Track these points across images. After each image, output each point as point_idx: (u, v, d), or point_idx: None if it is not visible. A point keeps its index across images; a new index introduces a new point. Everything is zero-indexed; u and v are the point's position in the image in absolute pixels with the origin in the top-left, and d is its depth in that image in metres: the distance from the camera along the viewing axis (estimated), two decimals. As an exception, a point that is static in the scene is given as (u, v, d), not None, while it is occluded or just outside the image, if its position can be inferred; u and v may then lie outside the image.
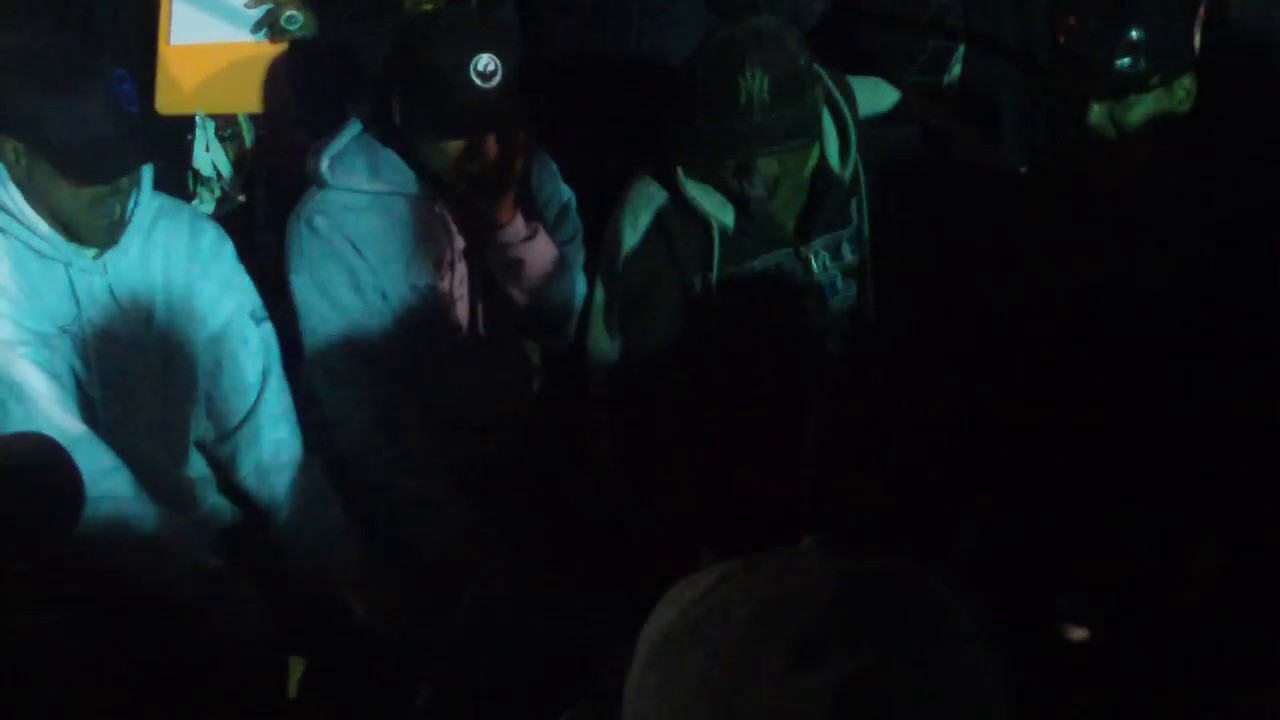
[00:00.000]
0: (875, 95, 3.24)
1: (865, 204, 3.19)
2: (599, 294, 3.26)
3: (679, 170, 3.15)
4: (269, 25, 3.56)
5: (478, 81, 3.09)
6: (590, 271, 3.34)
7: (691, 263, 3.21)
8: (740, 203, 3.12)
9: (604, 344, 3.27)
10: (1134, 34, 2.90)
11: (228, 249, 3.26)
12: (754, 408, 3.22)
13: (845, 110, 3.16)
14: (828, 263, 3.21)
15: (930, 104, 3.39)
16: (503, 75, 3.11)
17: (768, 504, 3.12)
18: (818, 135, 3.10)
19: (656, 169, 3.20)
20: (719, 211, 3.15)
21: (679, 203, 3.17)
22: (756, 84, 2.96)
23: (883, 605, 1.18)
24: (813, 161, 3.13)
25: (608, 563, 3.10)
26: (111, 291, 3.08)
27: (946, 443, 3.08)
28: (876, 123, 3.21)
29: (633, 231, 3.21)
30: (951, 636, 1.19)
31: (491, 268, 3.27)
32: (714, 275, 3.19)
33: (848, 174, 3.17)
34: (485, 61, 3.09)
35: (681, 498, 3.18)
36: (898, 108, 3.25)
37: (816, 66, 3.13)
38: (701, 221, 3.17)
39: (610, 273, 3.25)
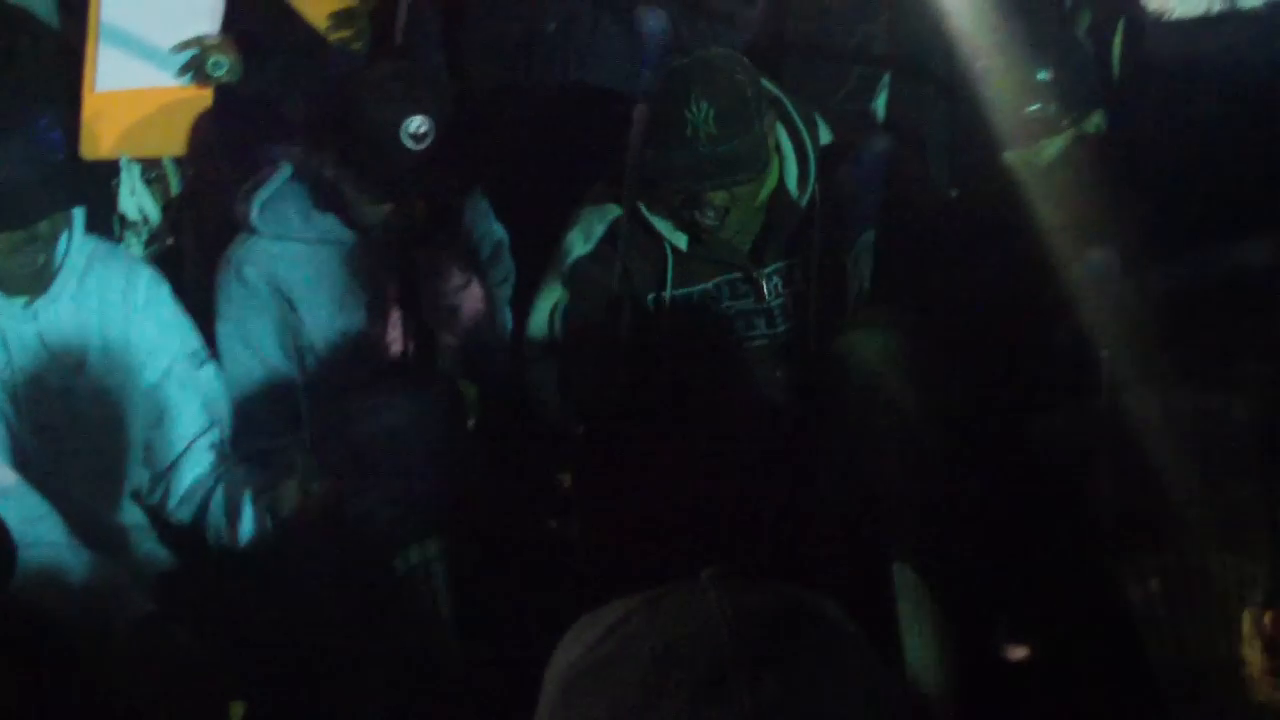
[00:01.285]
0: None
1: (818, 231, 3.20)
2: (545, 297, 3.27)
3: (635, 195, 3.17)
4: (194, 70, 3.55)
5: (409, 144, 3.10)
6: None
7: (644, 279, 3.22)
8: (691, 231, 3.13)
9: (543, 345, 3.28)
10: (1042, 74, 2.94)
11: (164, 292, 3.26)
12: (697, 427, 3.22)
13: (806, 137, 3.17)
14: (780, 288, 3.22)
15: (859, 136, 3.40)
16: (434, 136, 3.11)
17: (699, 523, 3.12)
18: (765, 166, 3.10)
19: (612, 189, 3.22)
20: (671, 233, 3.17)
21: (635, 220, 3.19)
22: (702, 116, 2.97)
23: (780, 637, 1.19)
24: (770, 187, 3.14)
25: (545, 591, 3.11)
26: (41, 339, 3.07)
27: (887, 468, 3.10)
28: (831, 149, 3.23)
29: (585, 242, 3.22)
30: (850, 660, 1.20)
31: (424, 313, 3.28)
32: (666, 294, 3.21)
33: (805, 200, 3.17)
34: (417, 124, 3.09)
35: (614, 511, 3.19)
36: (836, 143, 3.26)
37: (779, 92, 3.15)
38: (656, 241, 3.18)
39: (558, 276, 3.25)
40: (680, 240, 3.17)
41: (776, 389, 3.29)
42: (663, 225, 3.17)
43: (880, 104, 3.68)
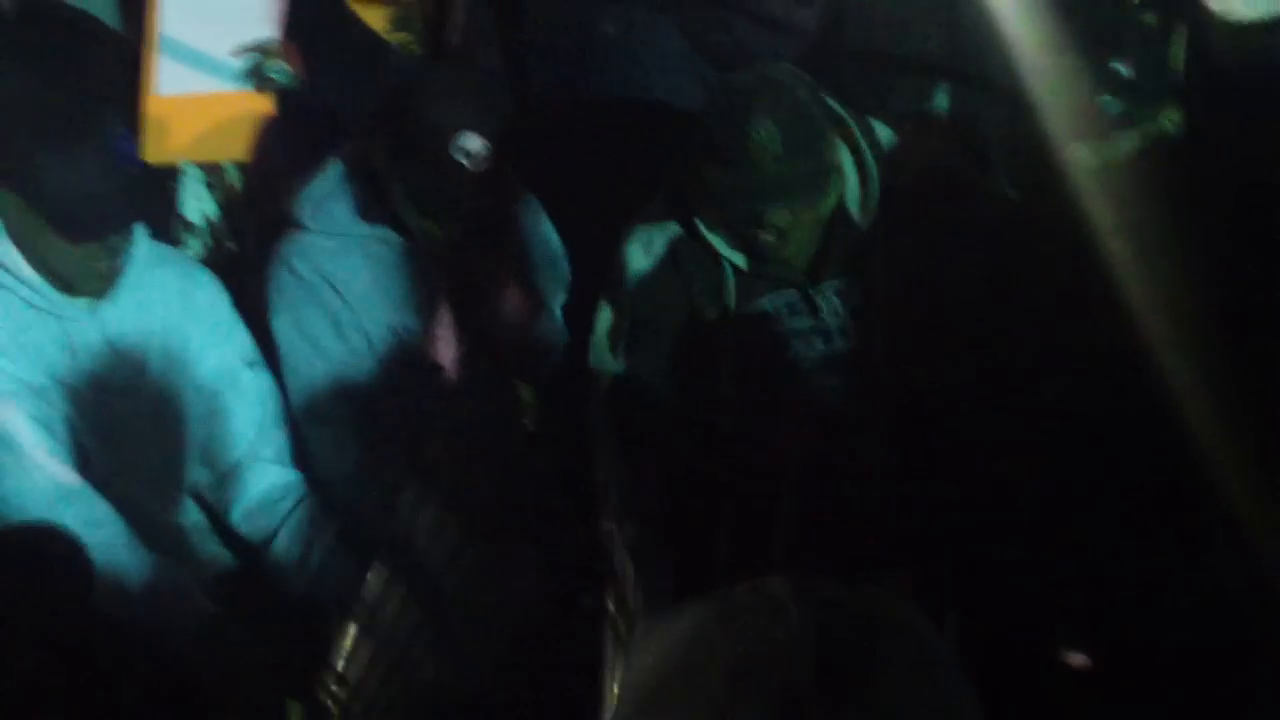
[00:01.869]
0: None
1: (881, 249, 3.17)
2: (605, 316, 3.25)
3: (694, 211, 3.15)
4: (254, 74, 3.56)
5: (462, 160, 3.10)
6: (592, 297, 3.33)
7: (702, 295, 3.19)
8: (752, 250, 3.12)
9: (608, 364, 3.26)
10: (1115, 66, 2.91)
11: (222, 297, 3.28)
12: (754, 444, 3.21)
13: (866, 152, 3.14)
14: (838, 306, 3.20)
15: (920, 138, 3.38)
16: (487, 152, 3.12)
17: (758, 537, 3.12)
18: (829, 185, 3.08)
19: (670, 205, 3.20)
20: (729, 251, 3.15)
21: (693, 238, 3.17)
22: (766, 135, 2.94)
23: (862, 664, 1.17)
24: (830, 203, 3.11)
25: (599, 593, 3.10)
26: (106, 341, 3.09)
27: (943, 482, 3.08)
28: (889, 163, 3.19)
29: (645, 256, 3.20)
30: (932, 684, 1.18)
31: (474, 313, 3.28)
32: (725, 311, 3.18)
33: (866, 218, 3.15)
34: (471, 140, 3.09)
35: (673, 523, 3.18)
36: (896, 148, 3.23)
37: (839, 108, 3.13)
38: (714, 257, 3.16)
39: (618, 295, 3.23)
40: (738, 258, 3.16)
41: (833, 407, 3.26)
42: (720, 243, 3.15)
43: (941, 104, 3.66)
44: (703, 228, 3.14)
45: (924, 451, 3.13)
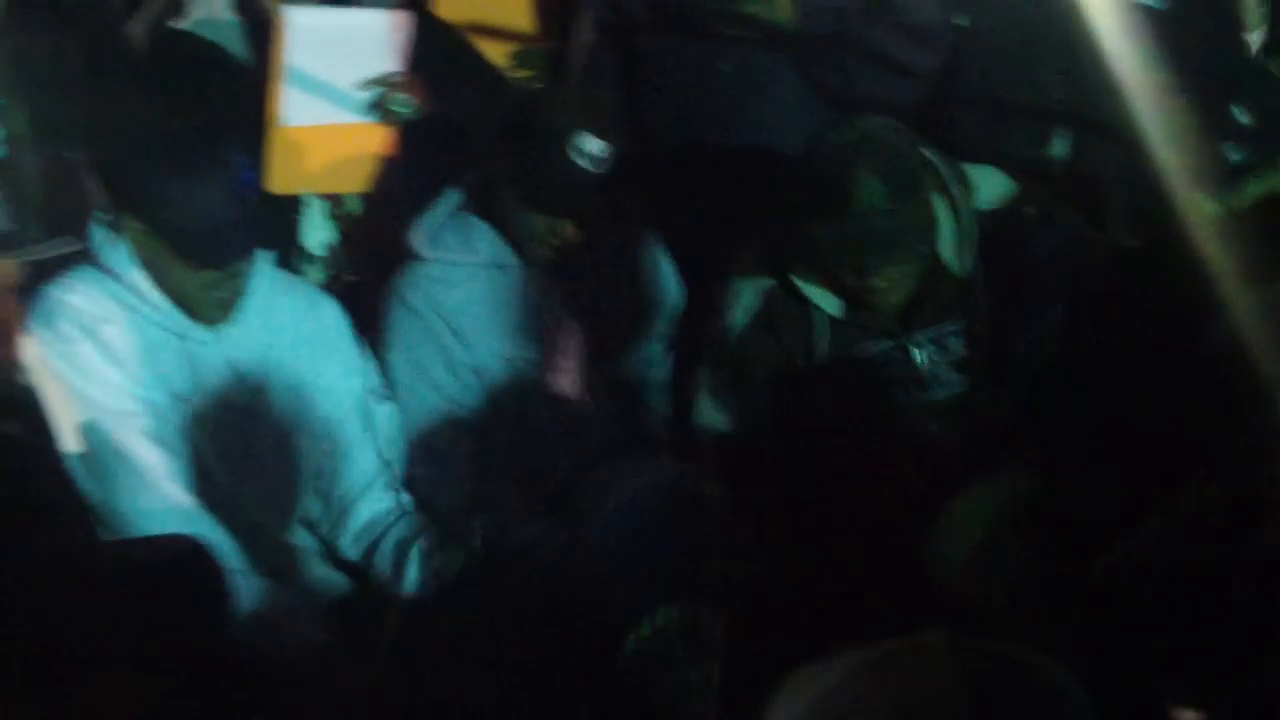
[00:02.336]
0: (992, 183, 3.24)
1: (978, 297, 3.17)
2: (705, 375, 3.27)
3: (787, 262, 3.16)
4: (378, 108, 3.60)
5: (575, 158, 3.14)
6: (694, 344, 3.34)
7: (795, 346, 3.21)
8: (856, 300, 3.12)
9: (712, 419, 3.27)
10: (1236, 113, 2.88)
11: (345, 326, 3.33)
12: (856, 494, 3.20)
13: (962, 202, 3.14)
14: (933, 355, 3.20)
15: (1037, 185, 3.36)
16: (604, 158, 3.16)
17: (866, 588, 3.10)
18: (933, 234, 3.09)
19: (763, 255, 3.22)
20: (824, 300, 3.15)
21: (786, 288, 3.18)
22: (870, 190, 2.95)
23: (1014, 705, 1.17)
24: (925, 257, 3.12)
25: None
26: (229, 364, 3.14)
27: (1055, 534, 3.05)
28: (993, 214, 3.20)
29: (741, 315, 3.22)
30: None
31: (588, 337, 3.31)
32: (817, 360, 3.19)
33: (963, 267, 3.15)
34: (588, 142, 3.14)
35: (783, 574, 3.17)
36: (1015, 196, 3.23)
37: (933, 156, 3.13)
38: (808, 307, 3.17)
39: (715, 351, 3.26)
40: (833, 307, 3.16)
41: (930, 455, 3.25)
42: (815, 293, 3.16)
43: (1058, 150, 3.64)
44: (797, 280, 3.15)
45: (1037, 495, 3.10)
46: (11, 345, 2.66)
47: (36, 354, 2.99)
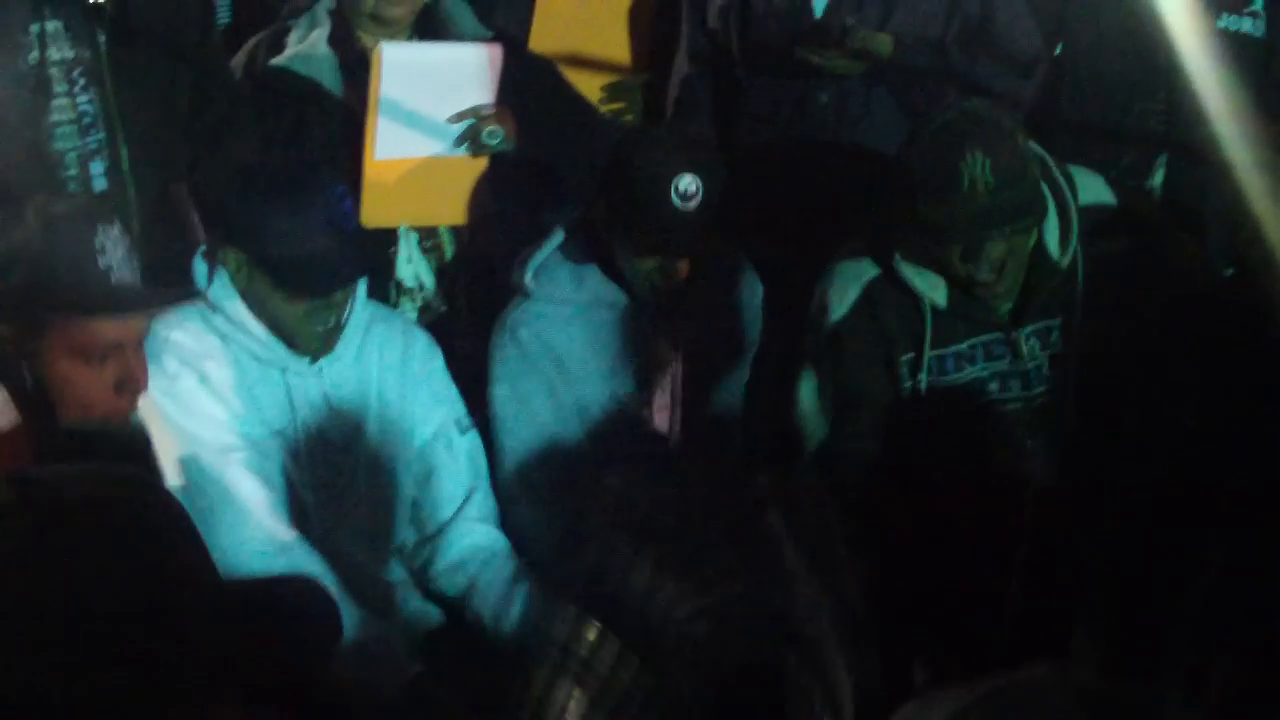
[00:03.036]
0: (1096, 187, 3.21)
1: (1080, 293, 3.15)
2: (807, 377, 3.26)
3: (895, 251, 3.14)
4: (470, 140, 3.61)
5: (678, 202, 3.16)
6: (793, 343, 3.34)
7: (900, 340, 3.20)
8: (967, 286, 3.10)
9: (815, 425, 3.26)
10: None
11: (438, 359, 3.34)
12: (960, 492, 3.16)
13: (1068, 195, 3.13)
14: (1037, 350, 3.18)
15: (1143, 209, 3.34)
16: (703, 196, 3.18)
17: (972, 597, 3.08)
18: (1043, 214, 3.08)
19: (864, 248, 3.21)
20: (931, 290, 3.14)
21: (889, 279, 3.17)
22: (979, 167, 2.94)
23: None
24: (1031, 243, 3.11)
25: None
26: (326, 397, 3.16)
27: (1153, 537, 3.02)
28: (1097, 212, 3.17)
29: (840, 304, 3.21)
30: None
31: (693, 376, 3.31)
32: (923, 354, 3.18)
33: (1066, 261, 3.13)
34: (687, 182, 3.16)
35: (887, 582, 3.15)
36: (1120, 206, 3.21)
37: (1037, 148, 3.12)
38: (912, 299, 3.16)
39: (818, 349, 3.25)
40: (940, 296, 3.14)
41: (1030, 453, 3.23)
42: (922, 281, 3.14)
43: (1157, 181, 3.62)
44: (904, 268, 3.13)
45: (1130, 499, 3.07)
46: (134, 396, 2.68)
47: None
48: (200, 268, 3.10)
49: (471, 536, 3.29)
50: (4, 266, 2.56)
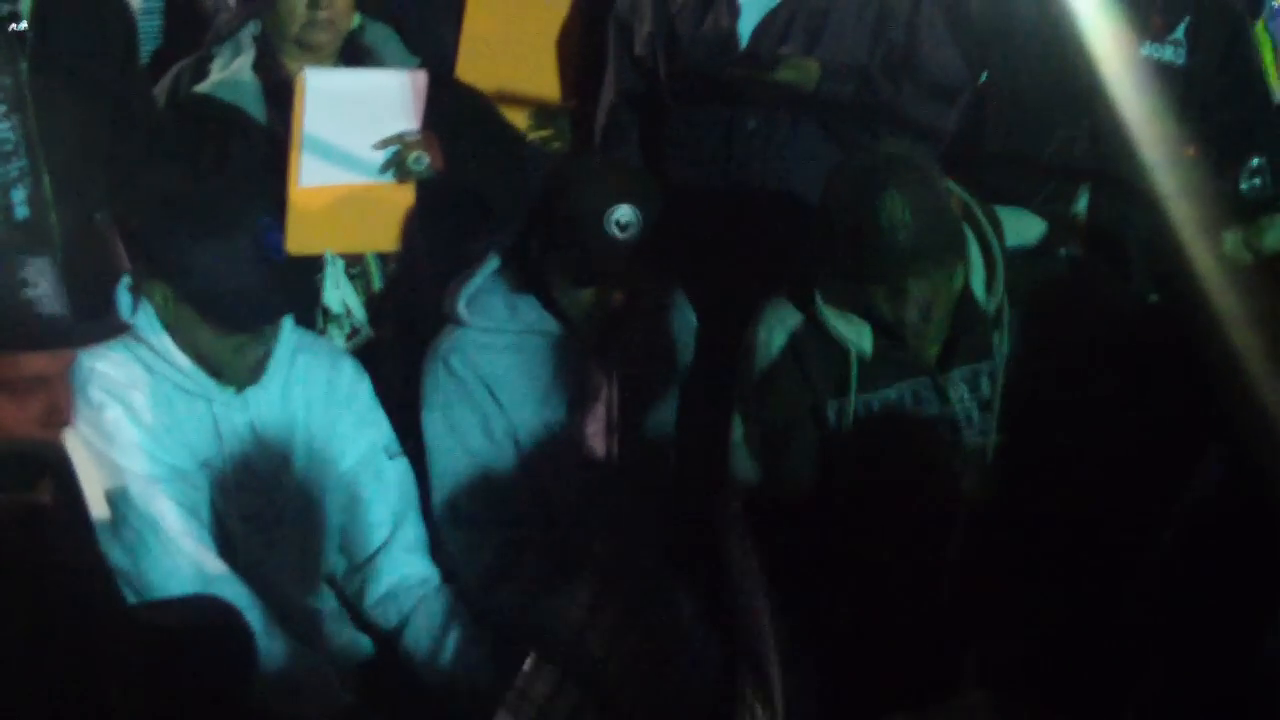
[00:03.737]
0: (1021, 225, 3.23)
1: (1007, 337, 3.17)
2: (737, 420, 3.26)
3: (817, 298, 3.14)
4: (395, 166, 3.60)
5: (614, 232, 3.16)
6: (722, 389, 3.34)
7: (826, 387, 3.19)
8: (893, 329, 3.10)
9: (745, 469, 3.26)
10: (1255, 160, 2.89)
11: (364, 385, 3.32)
12: (888, 536, 3.18)
13: (992, 238, 3.14)
14: (965, 395, 3.19)
15: (1067, 235, 3.37)
16: (640, 226, 3.18)
17: (903, 635, 3.09)
18: (963, 251, 3.08)
19: (790, 294, 3.21)
20: (856, 336, 3.14)
21: (814, 326, 3.17)
22: (897, 208, 2.94)
23: None
24: (959, 284, 3.11)
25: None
26: (252, 426, 3.14)
27: (1079, 578, 3.05)
28: (1022, 254, 3.19)
29: (766, 351, 3.21)
30: None
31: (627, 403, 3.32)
32: (849, 401, 3.18)
33: (993, 304, 3.14)
34: (623, 212, 3.16)
35: (816, 625, 3.16)
36: (1044, 239, 3.24)
37: (962, 192, 3.13)
38: (838, 346, 3.16)
39: (746, 397, 3.25)
40: (865, 342, 3.15)
41: (962, 497, 3.22)
42: (846, 328, 3.15)
43: (1081, 207, 3.65)
44: (826, 314, 3.14)
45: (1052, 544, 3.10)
46: (60, 429, 2.65)
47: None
48: (124, 298, 3.06)
49: (402, 569, 3.28)
50: None
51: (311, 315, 3.60)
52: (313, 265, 3.61)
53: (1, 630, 1.48)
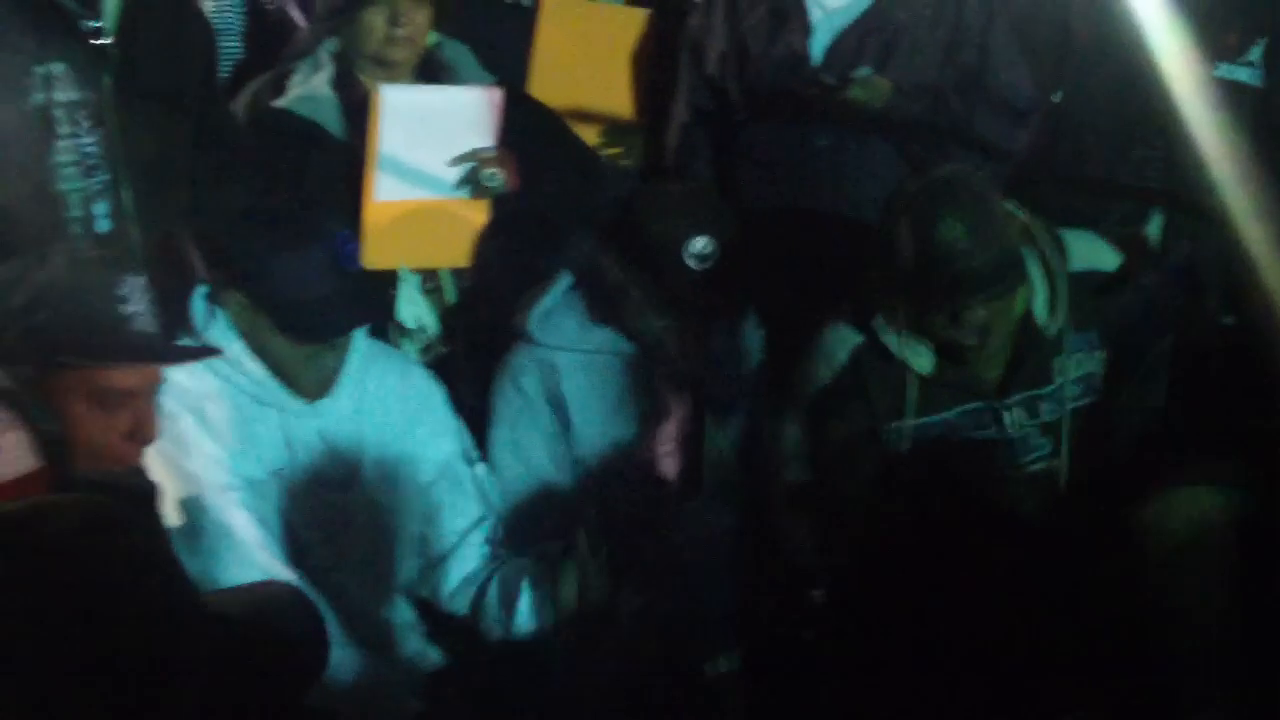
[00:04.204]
0: (1092, 251, 3.22)
1: (1070, 362, 3.16)
2: (791, 431, 3.26)
3: (878, 318, 3.15)
4: (470, 182, 3.63)
5: (692, 264, 3.18)
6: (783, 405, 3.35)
7: (884, 408, 3.20)
8: (952, 352, 3.10)
9: (795, 467, 3.27)
10: None
11: (438, 393, 3.35)
12: (942, 558, 3.17)
13: (1055, 262, 3.13)
14: (1023, 420, 3.18)
15: (1141, 262, 3.35)
16: (717, 257, 3.19)
17: (955, 661, 3.08)
18: (1022, 277, 3.08)
19: (854, 314, 3.21)
20: (916, 359, 3.14)
21: (875, 348, 3.17)
22: (955, 231, 2.95)
23: None
24: (1018, 312, 3.11)
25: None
26: (323, 436, 3.17)
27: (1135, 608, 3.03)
28: (1089, 278, 3.18)
29: (827, 369, 3.22)
30: None
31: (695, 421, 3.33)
32: (907, 423, 3.17)
33: (1054, 329, 3.14)
34: (702, 245, 3.18)
35: (866, 641, 3.16)
36: (1120, 269, 3.22)
37: (1024, 215, 3.13)
38: (897, 368, 3.16)
39: (801, 410, 3.25)
40: (925, 365, 3.15)
41: (1017, 522, 3.22)
42: (907, 350, 3.14)
43: (1154, 228, 3.64)
44: (887, 335, 3.14)
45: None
46: (145, 445, 2.69)
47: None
48: (200, 309, 3.10)
49: (475, 559, 3.29)
50: (27, 308, 2.57)
51: (385, 330, 3.63)
52: (387, 280, 3.63)
53: (68, 632, 1.51)
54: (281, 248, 3.04)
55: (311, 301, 3.02)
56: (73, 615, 1.51)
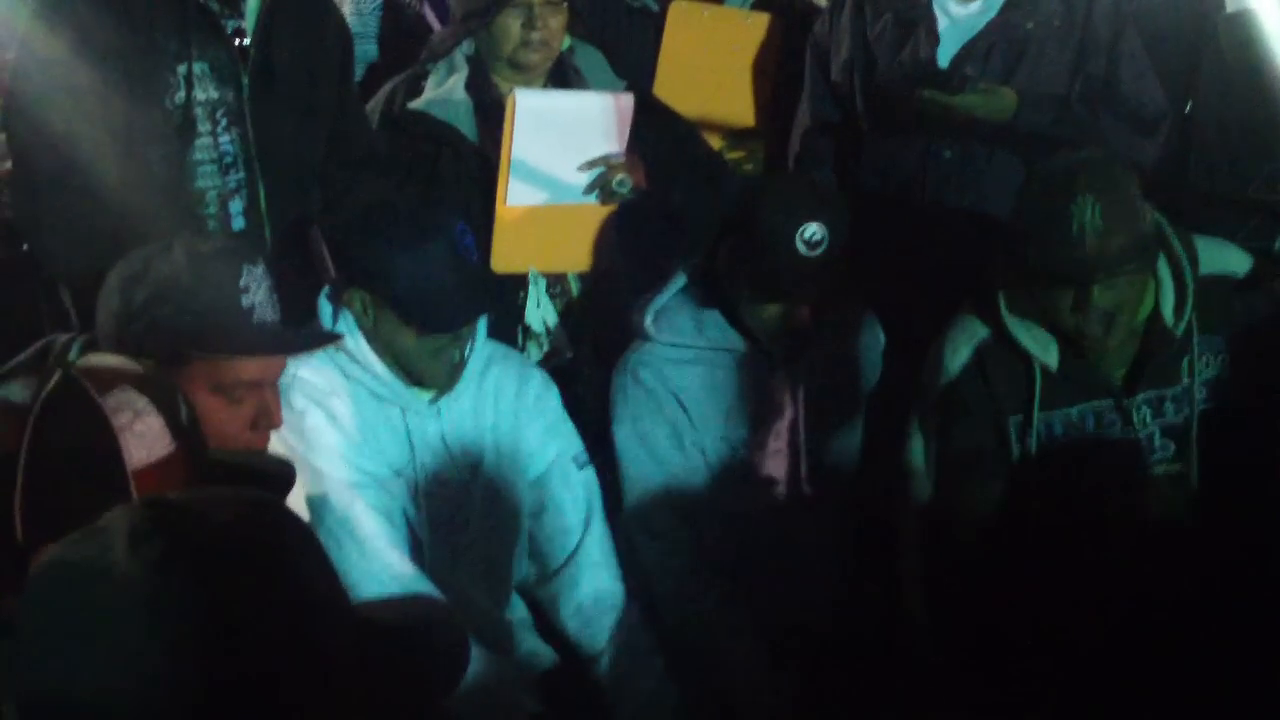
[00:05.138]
0: (1222, 255, 3.17)
1: (1198, 364, 3.13)
2: (917, 440, 3.25)
3: (1003, 307, 3.13)
4: (600, 188, 3.66)
5: (803, 249, 3.19)
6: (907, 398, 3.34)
7: (1009, 402, 3.16)
8: (1074, 340, 3.08)
9: (920, 485, 3.25)
10: None
11: (553, 395, 3.39)
12: (1064, 556, 3.13)
13: (1184, 263, 3.08)
14: (1149, 419, 3.15)
15: (1272, 268, 3.29)
16: (829, 243, 3.20)
17: (1074, 658, 3.06)
18: (1153, 264, 3.04)
19: (979, 307, 3.19)
20: (1042, 351, 3.12)
21: (1000, 340, 3.15)
22: (1088, 211, 2.91)
23: None
24: (1146, 310, 3.08)
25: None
26: (443, 436, 3.21)
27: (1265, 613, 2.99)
28: (1218, 281, 3.13)
29: (952, 363, 3.19)
30: None
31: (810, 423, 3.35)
32: (1032, 417, 3.15)
33: (1181, 329, 3.10)
34: (813, 230, 3.19)
35: (983, 639, 3.14)
36: (1250, 274, 3.17)
37: (1155, 214, 3.08)
38: (1023, 360, 3.14)
39: (927, 406, 3.24)
40: (1051, 357, 3.12)
41: (1141, 524, 3.18)
42: (1032, 341, 3.12)
43: (1284, 245, 3.60)
44: (1013, 325, 3.12)
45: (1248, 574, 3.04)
46: (268, 433, 2.74)
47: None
48: (325, 307, 3.16)
49: (598, 582, 3.33)
50: (151, 301, 2.62)
51: (513, 333, 3.67)
52: (516, 283, 3.67)
53: (232, 628, 1.51)
54: (404, 242, 3.07)
55: (433, 292, 3.05)
56: (230, 611, 1.51)
